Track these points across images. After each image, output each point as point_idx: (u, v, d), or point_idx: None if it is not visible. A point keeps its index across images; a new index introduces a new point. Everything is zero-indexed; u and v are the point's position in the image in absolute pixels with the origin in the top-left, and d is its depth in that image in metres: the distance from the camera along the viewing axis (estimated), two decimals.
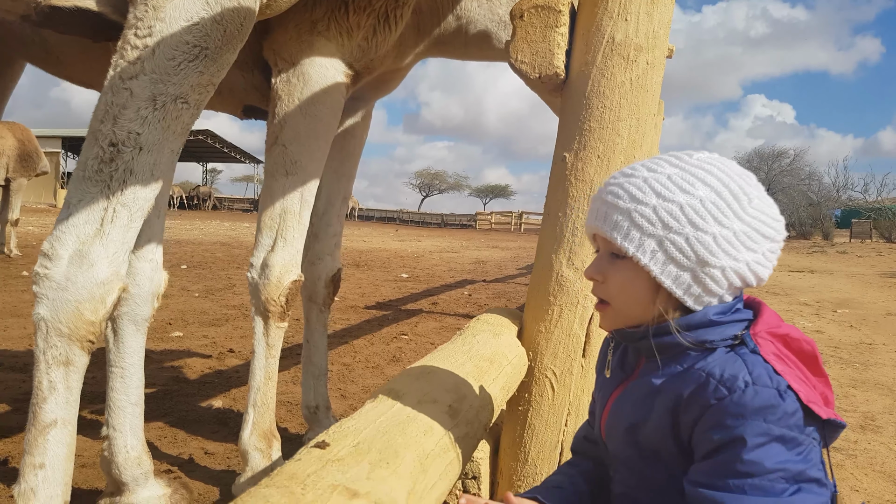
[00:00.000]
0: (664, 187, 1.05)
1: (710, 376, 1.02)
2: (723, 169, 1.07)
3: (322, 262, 3.40)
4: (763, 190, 1.09)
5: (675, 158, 1.10)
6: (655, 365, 1.11)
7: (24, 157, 11.70)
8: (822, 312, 9.21)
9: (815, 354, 1.07)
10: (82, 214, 1.74)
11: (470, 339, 1.74)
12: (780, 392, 0.98)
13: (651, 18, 1.85)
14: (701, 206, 1.03)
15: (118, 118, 1.73)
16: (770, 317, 1.09)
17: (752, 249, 1.05)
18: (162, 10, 1.72)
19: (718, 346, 1.05)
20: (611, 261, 1.11)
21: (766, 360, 1.01)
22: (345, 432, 1.02)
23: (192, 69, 1.76)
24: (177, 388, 4.44)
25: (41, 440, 1.74)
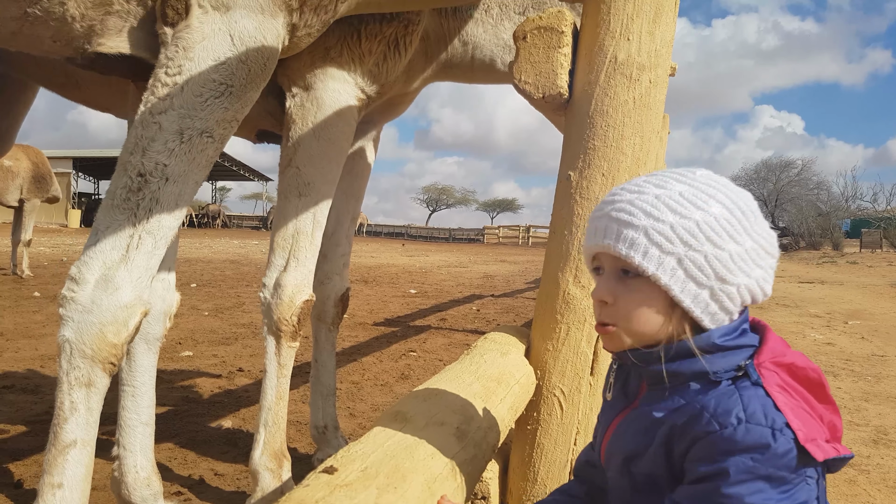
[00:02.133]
0: (679, 204, 1.04)
1: (704, 409, 1.01)
2: (728, 186, 1.07)
3: (331, 282, 3.43)
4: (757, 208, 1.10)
5: (680, 175, 1.08)
6: (657, 394, 1.10)
7: (38, 179, 11.87)
8: (833, 324, 9.15)
9: (821, 382, 1.06)
10: (109, 241, 1.81)
11: (477, 359, 1.75)
12: (774, 431, 0.96)
13: (653, 38, 1.86)
14: (716, 223, 1.03)
15: (147, 150, 1.81)
16: (775, 344, 1.08)
17: (760, 266, 1.06)
18: (191, 50, 1.82)
19: (722, 377, 1.04)
20: (620, 280, 1.08)
21: (768, 393, 1.00)
22: (352, 456, 1.02)
23: (218, 105, 1.85)
24: (187, 408, 4.45)
25: (60, 460, 1.78)
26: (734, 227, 1.04)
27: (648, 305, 1.06)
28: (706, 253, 1.02)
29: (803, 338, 7.96)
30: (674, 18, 1.92)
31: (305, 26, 2.02)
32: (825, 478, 1.05)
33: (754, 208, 1.07)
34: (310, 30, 2.06)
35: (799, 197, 51.24)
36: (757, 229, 1.06)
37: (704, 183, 1.07)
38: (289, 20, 1.96)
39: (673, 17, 1.91)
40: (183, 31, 1.83)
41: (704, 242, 1.02)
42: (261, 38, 1.89)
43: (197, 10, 1.83)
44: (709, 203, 1.04)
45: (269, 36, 1.91)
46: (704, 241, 1.02)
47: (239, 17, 1.85)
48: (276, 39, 1.94)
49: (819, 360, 6.57)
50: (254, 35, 1.87)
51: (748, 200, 1.07)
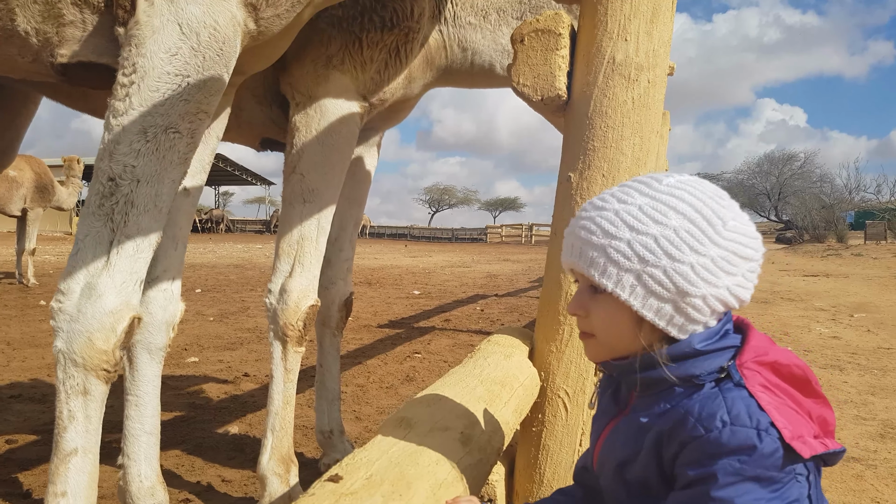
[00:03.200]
0: (636, 219, 1.04)
1: (689, 414, 1.01)
2: (694, 193, 1.05)
3: (335, 287, 3.45)
4: (737, 208, 1.08)
5: (645, 186, 1.08)
6: (645, 401, 1.11)
7: (41, 188, 11.98)
8: (838, 317, 9.13)
9: (806, 378, 1.05)
10: (90, 249, 1.81)
11: (481, 362, 1.75)
12: (759, 432, 0.96)
13: (651, 38, 1.86)
14: (675, 236, 1.02)
15: (114, 154, 1.79)
16: (758, 342, 1.07)
17: (731, 273, 1.04)
18: (143, 46, 1.78)
19: (705, 380, 1.04)
20: (591, 295, 1.10)
21: (752, 394, 1.00)
22: (357, 464, 1.02)
23: (178, 99, 1.81)
24: (193, 414, 4.47)
25: (63, 469, 1.79)
26: (696, 237, 1.02)
27: (616, 320, 1.08)
28: (664, 267, 1.02)
29: (808, 332, 7.95)
30: (671, 18, 1.92)
31: (269, 5, 1.96)
32: (820, 473, 1.05)
33: (724, 213, 1.05)
34: (277, 10, 1.99)
35: (802, 190, 51.19)
36: (727, 235, 1.04)
37: (668, 193, 1.05)
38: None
39: (671, 17, 1.91)
40: (133, 29, 1.80)
41: (662, 257, 1.02)
42: (211, 22, 1.83)
43: (143, 4, 1.79)
44: (668, 215, 1.03)
45: (220, 19, 1.85)
46: (662, 255, 1.02)
47: (184, 4, 1.80)
48: (230, 22, 1.88)
49: (825, 354, 6.57)
50: (202, 20, 1.82)
51: (716, 207, 1.05)
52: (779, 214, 60.74)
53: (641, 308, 1.04)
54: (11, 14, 1.92)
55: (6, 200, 11.52)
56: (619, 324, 1.08)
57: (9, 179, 11.33)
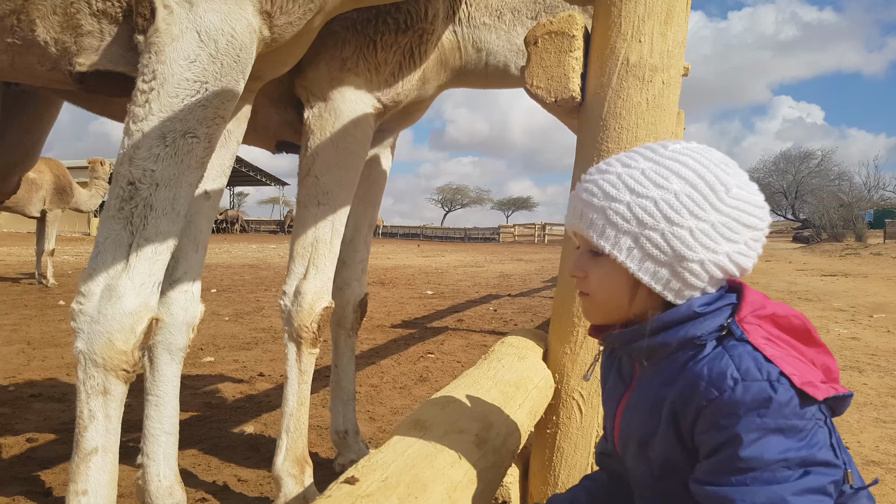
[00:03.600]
0: (638, 183, 1.05)
1: (699, 378, 1.01)
2: (698, 159, 1.06)
3: (349, 288, 3.46)
4: (745, 177, 1.08)
5: (650, 151, 1.09)
6: (649, 371, 1.11)
7: (59, 190, 12.13)
8: (857, 318, 9.04)
9: (806, 328, 1.06)
10: (110, 252, 1.84)
11: (495, 364, 1.76)
12: (772, 383, 0.96)
13: (665, 39, 1.86)
14: (675, 200, 1.03)
15: (133, 158, 1.83)
16: (754, 297, 1.07)
17: (731, 240, 1.04)
18: (162, 53, 1.82)
19: (707, 340, 1.04)
20: (591, 257, 1.12)
21: (756, 347, 1.00)
22: (373, 466, 1.03)
23: (196, 104, 1.85)
24: (210, 413, 4.50)
25: (83, 467, 1.82)
26: (696, 202, 1.03)
27: (612, 282, 1.09)
28: (663, 231, 1.03)
29: (827, 332, 7.88)
30: (686, 19, 1.92)
31: (283, 13, 1.99)
32: (832, 420, 1.05)
33: (728, 180, 1.05)
34: (290, 17, 2.02)
35: (819, 188, 50.71)
36: (729, 202, 1.04)
37: (671, 158, 1.06)
38: (259, 7, 1.93)
39: (685, 18, 1.91)
40: (153, 36, 1.84)
41: (661, 220, 1.03)
42: (229, 30, 1.87)
43: (162, 12, 1.83)
44: (669, 179, 1.04)
45: (238, 27, 1.89)
46: (661, 219, 1.03)
47: (203, 12, 1.84)
48: (246, 29, 1.92)
49: (843, 356, 6.50)
50: (220, 28, 1.86)
51: (720, 173, 1.05)
52: (796, 213, 60.25)
53: (638, 271, 1.05)
54: (32, 25, 1.97)
55: (26, 202, 11.66)
56: (616, 286, 1.09)
57: (28, 181, 11.46)
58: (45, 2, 1.94)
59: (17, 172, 3.78)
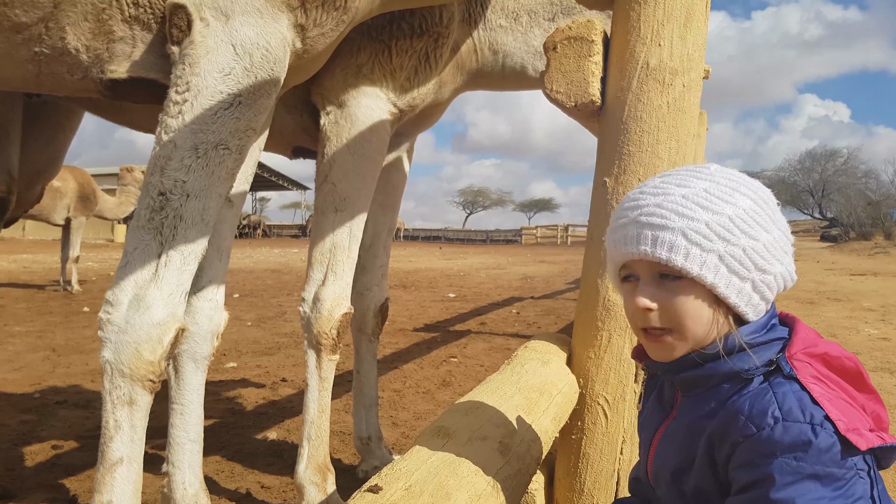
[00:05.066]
0: (708, 201, 1.03)
1: (739, 412, 0.99)
2: (746, 179, 1.08)
3: (370, 293, 3.46)
4: None
5: (697, 172, 1.07)
6: (692, 401, 1.09)
7: (84, 198, 12.29)
8: (888, 318, 8.89)
9: (859, 371, 1.03)
10: (138, 261, 1.85)
11: (518, 369, 1.75)
12: (814, 427, 0.94)
13: (685, 42, 1.84)
14: (746, 215, 1.03)
15: (165, 169, 1.84)
16: (806, 334, 1.06)
17: (787, 253, 1.07)
18: (197, 65, 1.83)
19: (754, 374, 1.02)
20: (660, 285, 1.05)
21: (804, 386, 0.98)
22: (396, 474, 1.03)
23: (229, 117, 1.86)
24: (233, 420, 4.53)
25: (108, 478, 1.83)
26: (762, 217, 1.04)
27: (696, 306, 1.04)
28: (744, 246, 1.02)
29: (857, 333, 7.76)
30: (705, 21, 1.90)
31: (316, 25, 2.00)
32: (877, 471, 1.01)
33: (773, 198, 1.08)
34: (322, 29, 2.03)
35: (846, 186, 50.02)
36: (778, 218, 1.07)
37: (724, 178, 1.07)
38: (293, 20, 1.94)
39: (704, 21, 1.89)
40: (188, 48, 1.85)
41: (740, 235, 1.02)
42: (264, 44, 1.88)
43: (198, 25, 1.84)
44: (735, 197, 1.04)
45: (272, 41, 1.90)
46: (740, 234, 1.02)
47: (239, 26, 1.85)
48: (281, 43, 1.93)
49: (874, 356, 6.40)
50: (256, 42, 1.87)
51: (767, 191, 1.08)
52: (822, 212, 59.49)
53: (725, 289, 1.02)
54: (62, 32, 1.97)
55: (50, 210, 11.84)
56: (702, 309, 1.04)
57: (53, 189, 11.63)
58: (76, 8, 1.94)
59: (41, 181, 3.83)
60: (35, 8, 1.92)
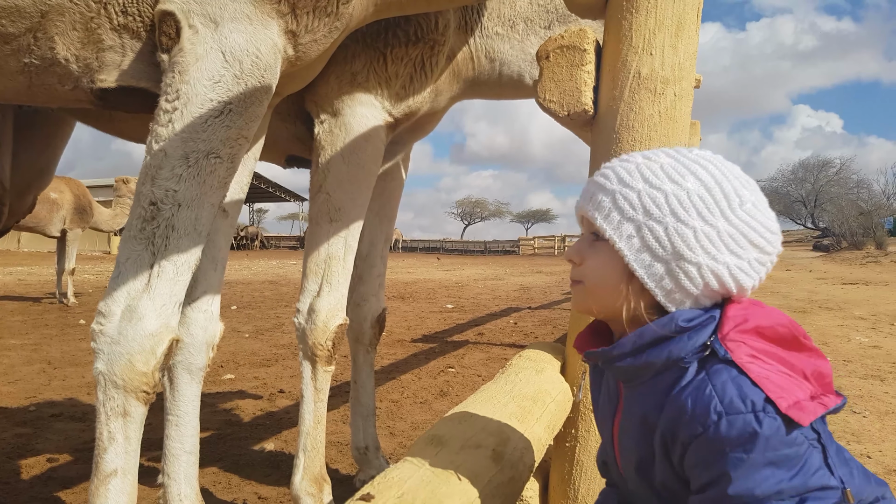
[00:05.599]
0: (654, 174, 1.04)
1: (683, 411, 0.99)
2: (720, 168, 1.05)
3: (367, 304, 3.46)
4: (764, 200, 1.06)
5: (674, 151, 1.09)
6: (635, 393, 1.09)
7: (80, 210, 12.27)
8: (878, 326, 8.91)
9: (793, 335, 1.02)
10: (131, 272, 1.83)
11: (512, 378, 1.75)
12: (757, 414, 0.93)
13: (676, 51, 1.86)
14: (687, 197, 1.01)
15: (156, 178, 1.82)
16: (735, 311, 1.03)
17: (735, 254, 1.02)
18: (186, 73, 1.81)
19: (690, 362, 1.01)
20: (590, 243, 1.10)
21: (742, 369, 0.97)
22: (389, 483, 1.03)
23: (219, 125, 1.84)
24: (230, 431, 4.51)
25: (103, 490, 1.81)
26: (707, 205, 1.01)
27: (607, 269, 1.07)
28: (667, 225, 1.01)
29: (848, 341, 7.77)
30: (696, 31, 1.92)
31: (308, 32, 1.98)
32: (825, 422, 1.01)
33: (745, 195, 1.03)
34: (314, 35, 2.01)
35: (839, 196, 50.32)
36: (741, 215, 1.02)
37: (691, 159, 1.06)
38: (284, 27, 1.92)
39: (696, 30, 1.91)
40: (177, 56, 1.83)
41: (667, 215, 1.01)
42: (254, 50, 1.86)
43: (187, 32, 1.82)
44: (685, 177, 1.03)
45: (263, 48, 1.88)
46: (668, 213, 1.01)
47: (228, 33, 1.83)
48: (272, 50, 1.91)
49: (865, 364, 6.41)
50: (245, 48, 1.85)
51: (738, 186, 1.04)
52: (815, 222, 59.74)
53: (633, 260, 1.03)
54: (51, 42, 1.95)
55: (46, 222, 11.83)
56: (610, 274, 1.06)
57: (49, 201, 11.63)
58: (65, 17, 1.92)
59: (32, 192, 3.83)
60: (22, 18, 1.90)
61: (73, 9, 1.92)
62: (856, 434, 4.32)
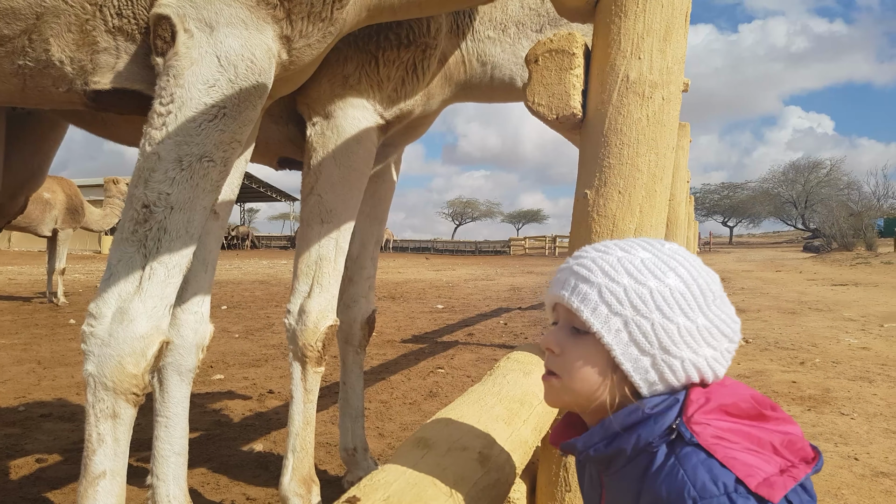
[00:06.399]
0: (637, 270, 1.06)
1: (658, 499, 1.00)
2: (692, 263, 1.09)
3: (357, 305, 3.47)
4: (723, 292, 1.10)
5: (647, 244, 1.11)
6: (613, 481, 1.10)
7: (72, 210, 12.23)
8: (868, 327, 8.97)
9: (757, 410, 1.04)
10: (122, 274, 1.83)
11: (500, 380, 1.76)
12: (730, 496, 0.95)
13: (664, 56, 1.87)
14: (670, 294, 1.04)
15: (149, 181, 1.82)
16: (697, 395, 1.05)
17: (711, 346, 1.06)
18: (181, 77, 1.81)
19: (658, 445, 1.03)
20: (570, 334, 1.10)
21: (709, 451, 0.99)
22: (375, 486, 1.04)
23: (213, 129, 1.84)
24: (219, 432, 4.51)
25: (91, 491, 1.81)
26: (688, 301, 1.04)
27: (590, 363, 1.07)
28: (654, 321, 1.03)
29: (837, 342, 7.82)
30: (685, 35, 1.93)
31: (302, 37, 1.99)
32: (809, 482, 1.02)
33: (716, 289, 1.08)
34: (308, 40, 2.02)
35: (829, 197, 50.62)
36: (714, 310, 1.06)
37: (668, 255, 1.09)
38: (279, 32, 1.92)
39: (684, 34, 1.92)
40: (172, 59, 1.83)
41: (654, 311, 1.03)
42: (249, 55, 1.87)
43: (182, 36, 1.82)
44: (666, 274, 1.05)
45: (258, 52, 1.88)
46: (654, 309, 1.03)
47: (223, 37, 1.83)
48: (266, 55, 1.91)
49: (854, 366, 6.46)
50: (241, 53, 1.85)
51: (710, 280, 1.08)
52: (806, 223, 60.08)
53: (621, 355, 1.04)
54: (46, 45, 1.95)
55: (38, 221, 11.78)
56: (592, 368, 1.07)
57: (42, 201, 11.58)
58: (60, 19, 1.92)
59: (25, 192, 3.82)
60: (17, 20, 1.90)
61: (69, 11, 1.92)
62: (843, 436, 4.35)
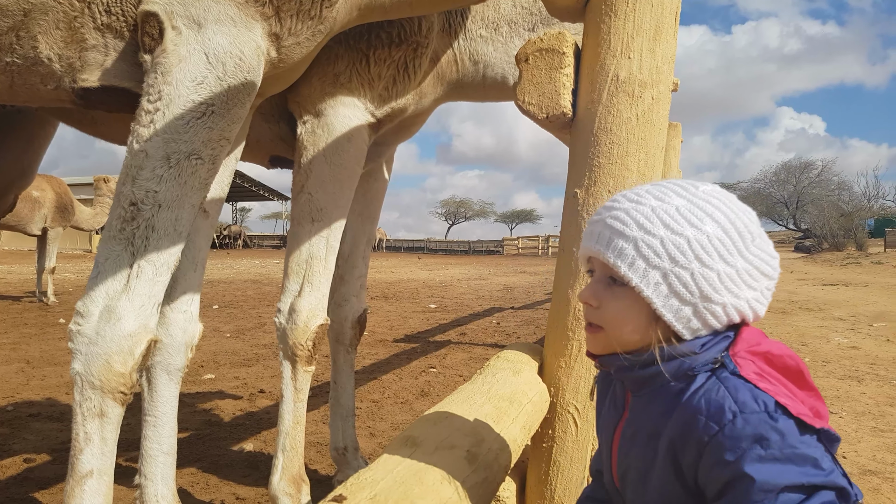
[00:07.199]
0: (673, 219, 1.04)
1: (698, 412, 1.00)
2: (729, 205, 1.07)
3: (348, 304, 3.46)
4: (762, 228, 1.09)
5: (682, 189, 1.09)
6: (642, 401, 1.11)
7: (61, 208, 12.17)
8: (857, 327, 9.02)
9: (799, 369, 1.05)
10: (110, 272, 1.82)
11: (490, 379, 1.76)
12: (770, 413, 0.96)
13: (654, 55, 1.88)
14: (708, 242, 1.03)
15: (136, 179, 1.81)
16: (750, 335, 1.07)
17: (752, 287, 1.05)
18: (169, 74, 1.80)
19: (699, 371, 1.04)
20: (608, 285, 1.09)
21: (748, 381, 1.00)
22: (362, 484, 1.04)
23: (201, 126, 1.83)
24: (209, 431, 4.49)
25: (78, 491, 1.80)
26: (727, 247, 1.04)
27: (631, 315, 1.07)
28: (693, 271, 1.03)
29: (827, 342, 7.86)
30: (674, 35, 1.93)
31: (291, 35, 1.98)
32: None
33: (754, 229, 1.07)
34: (298, 38, 2.01)
35: (820, 198, 50.89)
36: (753, 251, 1.06)
37: (704, 199, 1.07)
38: (268, 29, 1.91)
39: (673, 34, 1.93)
40: (160, 56, 1.82)
41: (693, 260, 1.03)
42: (237, 52, 1.86)
43: (170, 33, 1.81)
44: (704, 221, 1.04)
45: (246, 50, 1.87)
46: (693, 258, 1.03)
47: (211, 35, 1.83)
48: (255, 52, 1.90)
49: (843, 365, 6.49)
50: (229, 50, 1.85)
51: (748, 221, 1.07)
52: (797, 223, 60.39)
53: (662, 307, 1.04)
54: (34, 42, 1.93)
55: (28, 220, 11.71)
56: (634, 319, 1.07)
57: (31, 199, 11.52)
58: (48, 16, 1.90)
59: (14, 191, 3.80)
60: (4, 17, 1.88)
61: (57, 8, 1.90)
62: None
